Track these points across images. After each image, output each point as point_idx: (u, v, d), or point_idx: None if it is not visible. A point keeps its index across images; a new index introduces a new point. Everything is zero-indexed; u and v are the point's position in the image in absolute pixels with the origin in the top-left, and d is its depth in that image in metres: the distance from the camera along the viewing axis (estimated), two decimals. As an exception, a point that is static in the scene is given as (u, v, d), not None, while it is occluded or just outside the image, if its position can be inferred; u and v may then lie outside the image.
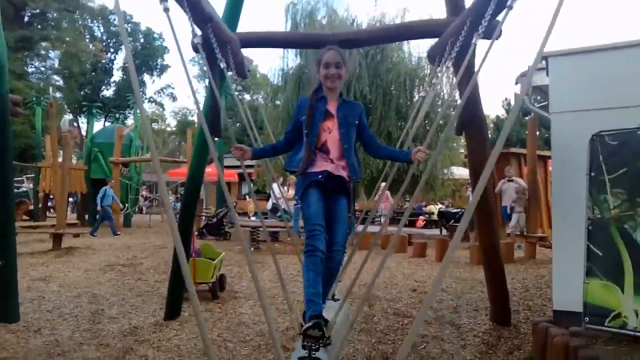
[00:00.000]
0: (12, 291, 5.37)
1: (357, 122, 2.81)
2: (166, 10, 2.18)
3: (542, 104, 7.79)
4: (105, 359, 4.27)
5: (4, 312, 5.23)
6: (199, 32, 3.10)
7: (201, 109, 5.48)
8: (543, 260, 8.88)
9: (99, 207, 14.54)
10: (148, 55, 42.55)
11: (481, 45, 3.93)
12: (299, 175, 2.75)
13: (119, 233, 14.07)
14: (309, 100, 2.81)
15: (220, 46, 3.49)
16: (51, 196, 17.03)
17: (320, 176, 2.65)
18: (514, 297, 6.01)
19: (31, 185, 19.14)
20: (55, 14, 36.30)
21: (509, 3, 2.42)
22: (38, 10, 35.34)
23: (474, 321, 5.29)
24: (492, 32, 2.91)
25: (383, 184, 13.81)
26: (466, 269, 8.31)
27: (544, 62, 4.76)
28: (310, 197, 2.61)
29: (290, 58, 15.42)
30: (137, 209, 20.71)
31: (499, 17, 3.23)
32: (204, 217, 15.33)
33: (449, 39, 3.72)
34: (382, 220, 13.13)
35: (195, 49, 4.36)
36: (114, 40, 42.36)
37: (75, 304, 6.01)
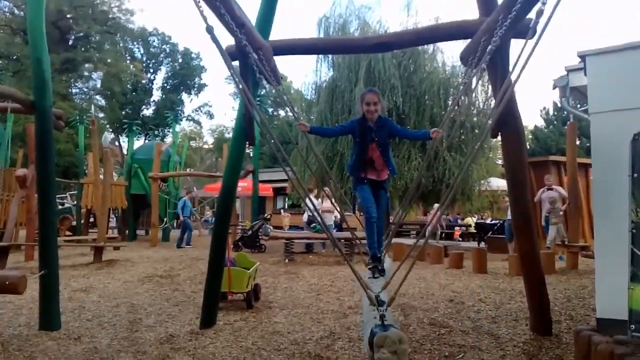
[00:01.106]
0: (54, 300, 5.52)
1: (389, 136, 4.18)
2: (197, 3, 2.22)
3: (582, 109, 7.58)
4: (142, 365, 4.32)
5: (46, 320, 5.38)
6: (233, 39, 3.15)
7: (232, 123, 5.55)
8: (585, 271, 8.56)
9: (180, 218, 15.33)
10: (186, 75, 43.62)
11: (516, 45, 3.88)
12: (355, 175, 4.26)
13: (191, 244, 14.88)
14: (360, 127, 4.08)
15: (253, 52, 3.53)
16: (93, 212, 17.51)
17: (367, 181, 4.19)
18: (555, 307, 5.80)
19: (74, 202, 19.76)
20: (97, 37, 37.71)
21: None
22: (82, 33, 36.79)
23: (513, 331, 5.12)
24: (526, 30, 2.86)
25: (436, 205, 13.67)
26: (505, 280, 8.08)
27: (582, 62, 4.64)
28: (363, 188, 4.15)
29: (323, 71, 15.55)
30: (175, 224, 21.08)
31: (532, 15, 3.17)
32: (239, 230, 15.47)
33: (481, 39, 3.66)
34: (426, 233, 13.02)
35: (231, 57, 4.47)
36: (153, 60, 43.66)
37: (114, 313, 6.13)
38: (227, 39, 4.19)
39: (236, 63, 4.56)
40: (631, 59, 4.30)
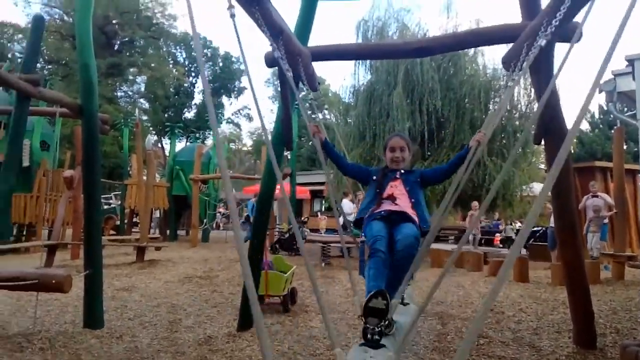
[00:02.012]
0: (98, 299, 5.69)
1: (419, 179, 3.15)
2: (232, 16, 2.25)
3: (628, 114, 7.30)
4: (181, 366, 4.40)
5: (90, 318, 5.55)
6: (273, 45, 3.19)
7: (270, 126, 5.62)
8: (633, 282, 8.24)
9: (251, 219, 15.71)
10: (226, 79, 44.42)
11: (561, 49, 3.77)
12: (363, 220, 3.00)
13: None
14: (380, 172, 3.20)
15: (291, 59, 3.56)
16: (137, 212, 18.00)
17: (383, 212, 2.91)
18: (600, 320, 5.60)
19: (119, 202, 20.37)
20: (142, 41, 38.82)
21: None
22: (127, 38, 37.96)
23: (555, 343, 4.97)
24: (571, 34, 2.78)
25: (475, 203, 13.43)
26: (547, 290, 7.86)
27: (629, 65, 4.48)
28: (373, 225, 2.81)
29: (361, 74, 15.51)
30: (214, 225, 21.43)
31: (579, 18, 3.08)
32: (276, 233, 15.60)
33: (524, 43, 3.57)
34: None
35: (269, 62, 4.52)
36: (195, 65, 44.60)
37: (155, 313, 6.27)
38: (267, 44, 4.23)
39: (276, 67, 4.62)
40: (684, 63, 4.12)
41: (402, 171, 3.18)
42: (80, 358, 4.54)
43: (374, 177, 3.20)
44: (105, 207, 19.98)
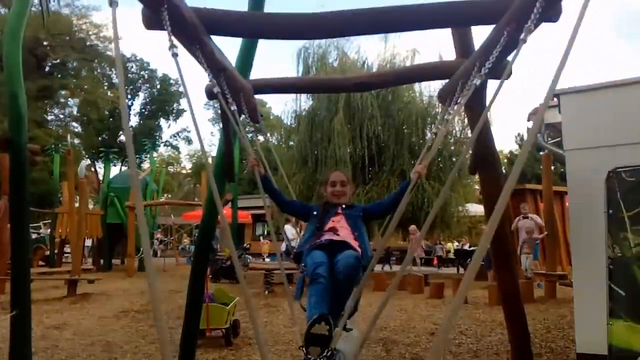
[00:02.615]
0: (26, 341, 5.32)
1: (361, 214, 3.09)
2: (174, 55, 2.22)
3: (555, 140, 7.75)
4: (118, 410, 4.18)
5: (17, 362, 5.18)
6: (213, 80, 3.15)
7: (212, 153, 5.54)
8: (564, 299, 8.65)
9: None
10: (164, 101, 43.52)
11: (492, 83, 3.96)
12: (306, 250, 2.83)
13: None
14: (321, 208, 3.13)
15: (233, 94, 3.54)
16: (68, 241, 17.15)
17: (324, 241, 2.78)
18: (535, 339, 5.82)
19: (48, 231, 19.34)
20: (75, 63, 37.48)
21: (522, 37, 2.40)
22: (58, 60, 36.54)
23: (495, 366, 5.12)
24: (502, 72, 2.92)
25: (413, 227, 13.68)
26: (485, 310, 8.11)
27: (555, 99, 4.76)
28: (313, 252, 2.68)
29: (303, 100, 15.66)
30: (151, 253, 20.73)
31: (509, 57, 3.25)
32: (218, 260, 15.27)
33: (459, 80, 3.73)
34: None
35: (210, 96, 4.47)
36: (131, 87, 43.48)
37: (89, 353, 5.94)
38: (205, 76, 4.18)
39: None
40: (604, 98, 4.44)
41: (344, 206, 3.11)
42: (6, 408, 4.22)
43: (315, 213, 3.10)
44: (34, 236, 18.91)
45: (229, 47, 3.56)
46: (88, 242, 20.85)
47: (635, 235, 3.94)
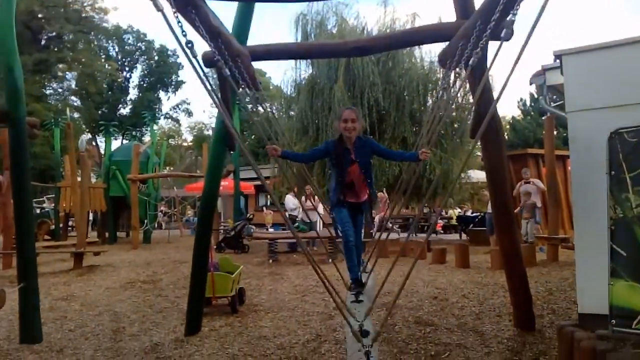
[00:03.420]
0: (34, 312, 5.42)
1: (371, 155, 3.86)
2: (160, 11, 2.17)
3: (557, 103, 7.67)
4: (127, 377, 4.27)
5: (27, 333, 5.28)
6: (211, 44, 3.10)
7: (212, 121, 5.50)
8: (566, 262, 8.71)
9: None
10: (163, 72, 43.02)
11: (494, 46, 3.90)
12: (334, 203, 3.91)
13: None
14: (336, 149, 3.76)
15: (231, 60, 3.49)
16: (72, 215, 17.24)
17: (345, 204, 3.86)
18: (537, 301, 5.89)
19: (52, 205, 19.42)
20: (71, 36, 36.96)
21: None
22: (54, 33, 36.03)
23: (497, 327, 5.19)
24: (503, 33, 2.87)
25: (380, 194, 13.69)
26: (488, 274, 8.18)
27: (558, 60, 4.69)
28: (341, 211, 3.85)
29: (303, 68, 15.44)
30: (156, 225, 20.87)
31: (510, 17, 3.19)
32: (222, 231, 15.38)
33: (459, 43, 3.67)
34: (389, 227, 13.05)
35: (208, 63, 4.42)
36: (128, 59, 42.97)
37: (97, 322, 6.04)
38: (203, 45, 4.12)
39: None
40: (606, 58, 4.36)
41: (356, 147, 3.71)
42: (18, 377, 4.31)
43: (334, 162, 3.81)
44: (38, 211, 19.01)
45: (224, 17, 3.51)
46: (92, 216, 21.00)
47: (636, 195, 3.93)
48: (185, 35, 2.25)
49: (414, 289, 7.21)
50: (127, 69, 43.24)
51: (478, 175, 17.19)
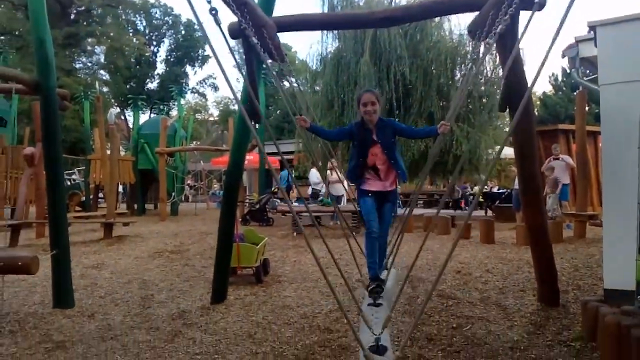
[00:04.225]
0: (67, 279, 5.61)
1: (393, 138, 3.71)
2: None
3: (590, 78, 7.45)
4: (155, 342, 4.41)
5: (59, 298, 5.48)
6: (237, 14, 3.10)
7: (239, 96, 5.54)
8: (593, 240, 8.57)
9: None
10: (190, 47, 43.20)
11: (525, 16, 3.80)
12: (357, 188, 3.84)
13: None
14: (359, 131, 3.71)
15: (256, 30, 3.49)
16: (102, 187, 17.65)
17: (370, 194, 3.71)
18: (562, 277, 5.84)
19: (82, 178, 19.89)
20: (99, 10, 37.29)
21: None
22: (83, 8, 36.39)
23: (520, 302, 5.18)
24: (533, 3, 2.80)
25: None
26: (512, 250, 8.12)
27: (592, 32, 4.55)
28: (366, 201, 3.69)
29: (329, 42, 15.28)
30: (183, 198, 21.22)
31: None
32: (247, 204, 15.55)
33: (489, 12, 3.59)
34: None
35: (234, 34, 4.42)
36: (156, 33, 43.22)
37: (126, 290, 6.23)
38: (229, 16, 4.11)
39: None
40: (642, 29, 4.21)
41: (378, 128, 3.64)
42: (52, 338, 4.50)
43: (356, 142, 3.73)
44: (69, 183, 19.50)
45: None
46: (121, 188, 21.44)
47: (669, 171, 3.84)
48: (210, 2, 2.25)
49: (437, 263, 7.21)
50: (154, 43, 43.52)
51: (506, 152, 16.91)
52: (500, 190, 16.76)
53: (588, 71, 7.70)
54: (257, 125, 16.95)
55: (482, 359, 3.82)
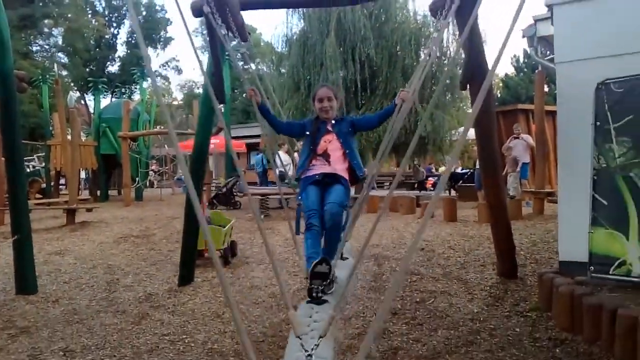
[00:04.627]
0: (29, 264, 5.51)
1: (350, 128, 3.30)
2: None
3: (549, 57, 7.65)
4: (122, 324, 4.40)
5: (22, 284, 5.39)
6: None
7: (202, 78, 5.48)
8: (551, 216, 8.86)
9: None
10: (151, 29, 42.03)
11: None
12: (300, 179, 3.19)
13: None
14: (312, 125, 3.31)
15: (219, 9, 3.46)
16: (63, 174, 17.21)
17: (317, 176, 3.10)
18: (521, 252, 6.05)
19: (42, 164, 19.32)
20: (56, -10, 35.93)
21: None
22: (38, -13, 34.98)
23: (481, 276, 5.36)
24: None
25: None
26: (474, 227, 8.34)
27: (549, 11, 4.67)
28: (308, 191, 3.05)
29: (294, 23, 15.18)
30: (147, 183, 20.88)
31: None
32: (213, 188, 15.44)
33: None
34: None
35: (197, 13, 4.37)
36: (116, 14, 41.92)
37: (91, 275, 6.16)
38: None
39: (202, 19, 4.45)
40: (596, 9, 4.34)
41: (334, 122, 3.29)
42: (15, 324, 4.44)
43: (307, 132, 3.31)
44: (28, 170, 18.92)
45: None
46: (83, 174, 20.95)
47: (620, 146, 4.01)
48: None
49: (402, 242, 7.36)
50: (114, 25, 42.24)
51: (469, 133, 17.24)
52: (463, 170, 17.09)
53: (548, 51, 7.90)
54: (222, 108, 16.77)
55: (444, 330, 3.96)
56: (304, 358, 1.73)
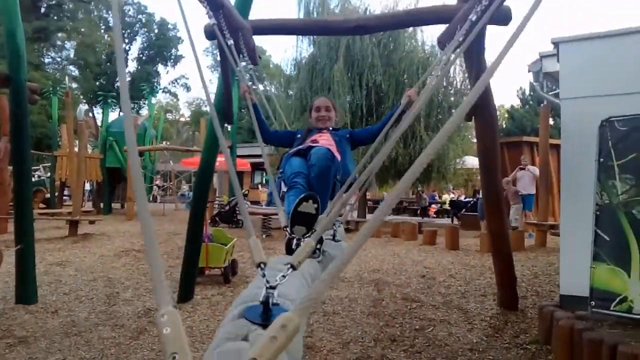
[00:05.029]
0: (30, 274, 5.53)
1: (348, 136, 3.11)
2: None
3: (554, 92, 7.76)
4: (120, 338, 4.40)
5: (22, 293, 5.40)
6: (211, 19, 3.16)
7: (211, 97, 5.57)
8: (554, 249, 8.86)
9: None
10: (162, 46, 42.73)
11: (495, 32, 3.97)
12: (284, 157, 2.93)
13: None
14: (305, 131, 3.14)
15: (231, 33, 3.55)
16: (67, 184, 17.29)
17: (302, 148, 2.83)
18: (522, 284, 6.04)
19: (48, 174, 19.45)
20: (70, 5, 36.60)
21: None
22: (54, 1, 35.67)
23: (481, 306, 5.34)
24: (501, 17, 2.95)
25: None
26: (476, 257, 8.33)
27: (555, 48, 4.76)
28: (292, 161, 2.76)
29: (304, 47, 15.42)
30: (151, 198, 20.94)
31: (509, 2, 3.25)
32: (216, 206, 15.49)
33: (457, 25, 3.73)
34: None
35: (209, 35, 4.47)
36: (128, 30, 42.59)
37: (91, 287, 6.16)
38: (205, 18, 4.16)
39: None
40: (602, 48, 4.44)
41: (330, 128, 3.15)
42: (14, 334, 4.44)
43: (299, 136, 3.13)
44: (34, 179, 19.03)
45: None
46: (88, 186, 21.04)
47: (623, 183, 4.05)
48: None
49: (403, 268, 7.35)
50: (126, 41, 42.87)
51: (473, 161, 17.29)
52: (467, 199, 17.12)
53: (554, 86, 8.01)
54: (229, 127, 16.91)
55: (443, 359, 3.95)
56: (264, 291, 1.24)
